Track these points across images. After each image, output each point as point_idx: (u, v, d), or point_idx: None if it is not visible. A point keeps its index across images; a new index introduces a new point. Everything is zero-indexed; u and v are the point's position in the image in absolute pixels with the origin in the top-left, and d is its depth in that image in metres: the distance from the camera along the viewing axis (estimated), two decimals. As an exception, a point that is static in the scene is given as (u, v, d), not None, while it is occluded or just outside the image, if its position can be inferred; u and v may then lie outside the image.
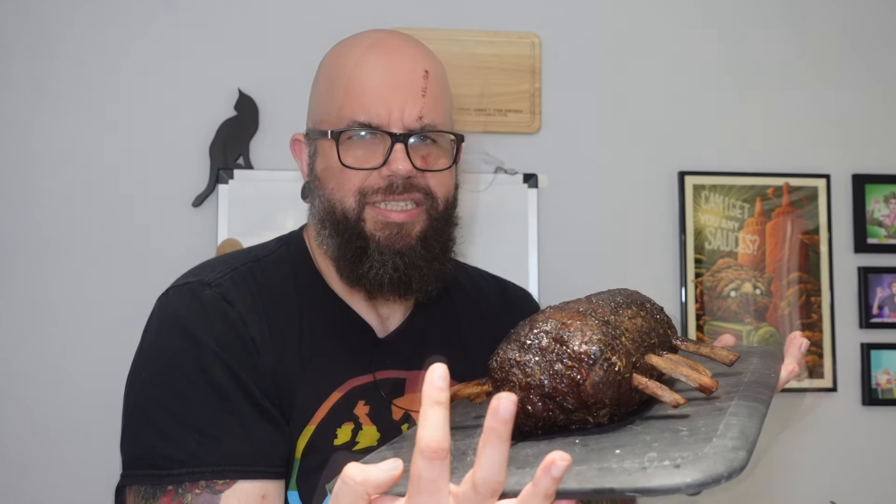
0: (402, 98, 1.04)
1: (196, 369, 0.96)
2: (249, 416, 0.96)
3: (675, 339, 0.84)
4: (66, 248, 2.02)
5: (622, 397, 0.70)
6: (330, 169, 1.06)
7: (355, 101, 1.04)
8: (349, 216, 1.04)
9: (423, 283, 1.07)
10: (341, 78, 1.06)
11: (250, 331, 1.00)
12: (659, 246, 2.19)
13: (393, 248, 1.04)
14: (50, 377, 1.98)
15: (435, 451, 0.52)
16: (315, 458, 1.02)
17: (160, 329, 1.01)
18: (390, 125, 1.03)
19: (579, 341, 0.68)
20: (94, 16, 2.07)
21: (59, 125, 2.04)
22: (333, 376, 1.06)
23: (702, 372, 0.72)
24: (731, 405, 0.68)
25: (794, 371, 0.90)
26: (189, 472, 0.92)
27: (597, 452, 0.60)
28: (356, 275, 1.05)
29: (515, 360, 0.70)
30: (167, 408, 0.95)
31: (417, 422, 0.54)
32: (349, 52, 1.08)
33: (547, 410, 0.69)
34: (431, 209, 1.07)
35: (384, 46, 1.07)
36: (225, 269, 1.05)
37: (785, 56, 2.26)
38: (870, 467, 2.18)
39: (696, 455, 0.55)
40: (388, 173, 1.03)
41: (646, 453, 0.57)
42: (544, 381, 0.68)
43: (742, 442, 0.57)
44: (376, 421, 1.06)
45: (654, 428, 0.66)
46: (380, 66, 1.05)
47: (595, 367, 0.67)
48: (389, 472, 0.55)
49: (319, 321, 1.07)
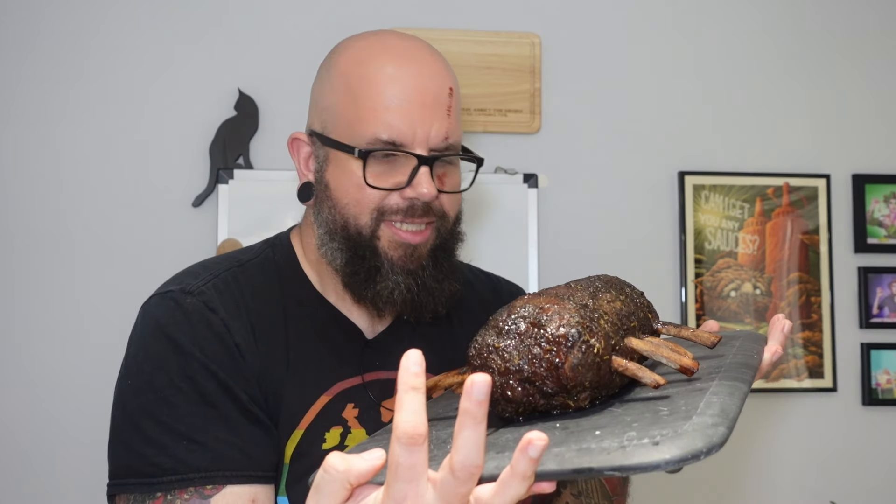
0: (428, 118, 1.01)
1: (182, 377, 0.95)
2: (237, 421, 0.95)
3: (656, 322, 0.84)
4: (66, 247, 2.02)
5: (602, 380, 0.69)
6: (348, 184, 1.03)
7: (380, 118, 1.01)
8: (363, 232, 1.02)
9: (434, 304, 1.06)
10: (363, 89, 1.02)
11: (234, 337, 0.99)
12: (659, 246, 2.19)
13: (406, 268, 1.03)
14: (50, 377, 1.99)
15: (412, 436, 0.51)
16: (304, 462, 1.01)
17: (143, 338, 1.00)
18: (415, 145, 1.01)
19: (556, 324, 0.68)
20: (95, 15, 2.07)
21: (58, 125, 2.05)
22: (321, 380, 1.05)
23: (683, 354, 0.72)
24: (712, 385, 0.68)
25: (778, 353, 0.89)
26: (178, 479, 0.92)
27: (576, 434, 0.60)
28: (367, 293, 1.04)
29: (493, 346, 0.69)
30: (154, 416, 0.94)
31: (394, 408, 0.54)
32: (371, 60, 1.04)
33: (527, 395, 0.68)
34: (441, 227, 1.06)
35: (410, 59, 1.04)
36: (207, 276, 1.03)
37: (785, 56, 2.26)
38: (870, 467, 2.18)
39: (675, 432, 0.55)
40: (412, 195, 1.01)
41: (625, 433, 0.57)
42: (523, 366, 0.68)
43: (722, 419, 0.57)
44: (365, 424, 1.06)
45: (634, 409, 0.65)
46: (406, 83, 1.01)
47: (573, 349, 0.67)
48: (372, 461, 0.54)
49: (306, 324, 1.06)
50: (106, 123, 2.06)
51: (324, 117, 1.06)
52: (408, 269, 1.03)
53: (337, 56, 1.08)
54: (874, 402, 2.18)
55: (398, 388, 0.52)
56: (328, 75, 1.07)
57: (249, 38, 2.11)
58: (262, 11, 2.13)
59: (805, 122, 2.25)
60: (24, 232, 2.01)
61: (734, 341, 0.91)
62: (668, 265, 2.19)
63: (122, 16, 2.08)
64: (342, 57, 1.07)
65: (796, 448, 2.17)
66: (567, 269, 2.14)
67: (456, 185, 1.07)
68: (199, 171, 2.07)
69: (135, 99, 2.07)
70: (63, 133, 2.05)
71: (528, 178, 2.13)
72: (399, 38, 1.08)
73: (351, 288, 1.05)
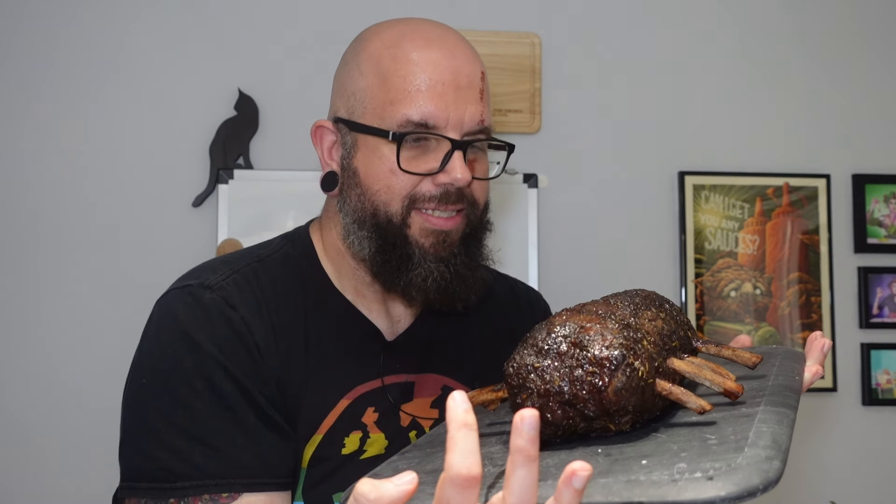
0: (463, 101, 0.98)
1: (199, 377, 0.92)
2: (254, 427, 0.92)
3: (696, 340, 0.81)
4: (66, 247, 2.02)
5: (645, 404, 0.67)
6: (379, 170, 0.99)
7: (412, 99, 0.97)
8: (394, 220, 0.99)
9: (467, 292, 1.03)
10: (395, 71, 0.99)
11: (254, 336, 0.95)
12: (659, 246, 2.19)
13: (438, 255, 1.00)
14: (50, 377, 1.98)
15: (466, 478, 0.49)
16: (322, 468, 0.99)
17: (160, 334, 0.96)
18: (448, 129, 0.98)
19: (600, 345, 0.65)
20: (95, 15, 2.07)
21: (58, 125, 2.04)
22: (341, 383, 1.02)
23: (726, 376, 0.69)
24: (758, 411, 0.65)
25: (819, 373, 0.86)
26: (192, 485, 0.89)
27: (622, 463, 0.58)
28: (400, 281, 1.00)
29: (533, 366, 0.67)
30: (169, 417, 0.91)
31: (446, 446, 0.51)
32: (403, 43, 1.01)
33: (567, 418, 0.66)
34: (471, 214, 1.03)
35: (442, 43, 1.01)
36: (227, 271, 1.00)
37: (785, 56, 2.26)
38: (870, 467, 2.18)
39: (729, 466, 0.52)
40: (446, 181, 0.98)
41: (675, 464, 0.54)
42: (564, 388, 0.65)
43: (775, 451, 0.55)
44: (384, 428, 1.04)
45: (679, 436, 0.63)
46: (439, 65, 0.99)
47: (617, 372, 0.64)
48: (404, 486, 0.51)
49: (326, 324, 1.03)
50: (106, 123, 2.05)
51: (351, 103, 1.03)
52: (440, 257, 1.00)
53: (365, 41, 1.05)
54: (874, 402, 2.18)
55: (449, 427, 0.50)
56: (356, 60, 1.04)
57: (249, 38, 2.11)
58: (263, 12, 2.12)
59: (805, 122, 2.25)
60: (24, 231, 2.01)
61: (773, 360, 0.88)
62: (668, 265, 2.19)
63: (122, 17, 2.08)
64: (371, 42, 1.04)
65: (796, 448, 2.17)
66: (567, 269, 2.14)
67: (485, 172, 1.04)
68: (199, 171, 2.07)
69: (135, 99, 2.07)
70: (63, 133, 2.04)
71: (528, 178, 2.13)
72: (429, 23, 1.06)
73: (382, 277, 1.01)
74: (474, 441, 0.50)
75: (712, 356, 0.83)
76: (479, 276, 1.05)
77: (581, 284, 2.12)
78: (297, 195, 2.02)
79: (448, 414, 0.50)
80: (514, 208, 2.12)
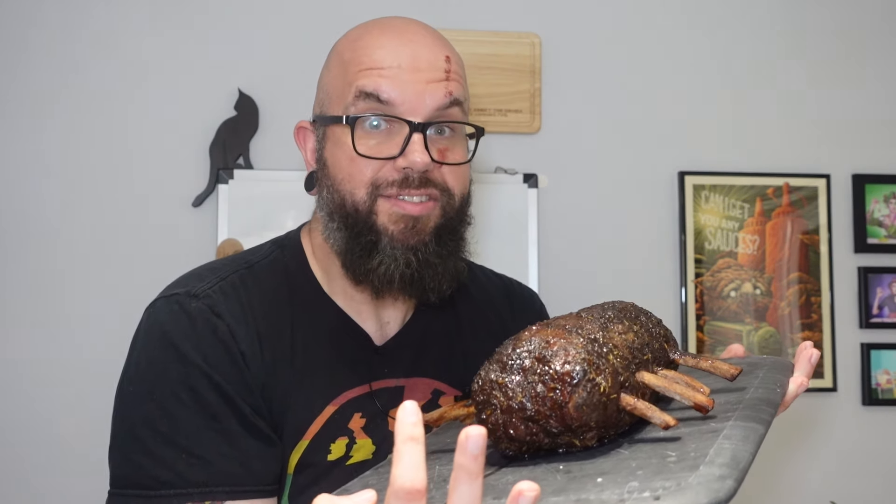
0: (421, 83, 0.97)
1: (184, 387, 0.92)
2: (239, 435, 0.93)
3: (673, 353, 0.80)
4: (66, 248, 2.02)
5: (609, 419, 0.66)
6: (340, 157, 0.98)
7: (367, 75, 0.97)
8: (360, 209, 0.97)
9: (437, 282, 1.00)
10: (353, 57, 0.99)
11: (240, 345, 0.95)
12: (659, 246, 2.19)
13: (406, 243, 0.97)
14: (50, 377, 1.98)
15: (409, 492, 0.49)
16: (308, 474, 0.99)
17: (147, 343, 0.97)
18: (406, 111, 0.96)
19: (562, 361, 0.64)
20: (95, 16, 2.07)
21: (58, 125, 2.04)
22: (327, 389, 1.01)
23: (697, 389, 0.68)
24: (726, 426, 0.65)
25: (804, 385, 0.85)
26: (177, 493, 0.90)
27: (578, 481, 0.58)
28: (364, 270, 0.98)
29: (497, 382, 0.66)
30: (154, 426, 0.92)
31: (392, 459, 0.51)
32: (365, 34, 1.01)
33: (530, 434, 0.65)
34: (447, 205, 1.00)
35: (404, 32, 1.00)
36: (214, 279, 1.00)
37: (785, 56, 2.26)
38: (870, 467, 2.18)
39: (679, 485, 0.52)
40: (404, 165, 0.96)
41: (628, 482, 0.54)
42: (526, 404, 0.65)
43: (731, 469, 0.55)
44: (371, 434, 1.03)
45: (642, 452, 0.63)
46: (397, 49, 0.98)
47: (578, 388, 0.64)
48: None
49: (313, 330, 1.03)
50: (106, 123, 2.06)
51: (321, 97, 1.04)
52: (408, 245, 0.97)
53: (336, 42, 1.06)
54: (874, 402, 2.18)
55: (396, 439, 0.51)
56: (327, 60, 1.06)
57: (249, 38, 2.11)
58: (262, 11, 2.12)
59: (805, 122, 2.25)
60: (23, 232, 2.01)
61: (758, 371, 0.86)
62: (668, 265, 2.19)
63: (122, 16, 2.08)
64: (340, 41, 1.06)
65: (796, 448, 2.17)
66: (567, 269, 2.14)
67: (459, 159, 1.01)
68: (199, 171, 2.07)
69: (135, 99, 2.07)
70: (63, 133, 2.04)
71: (528, 178, 2.13)
72: (397, 18, 1.06)
73: (348, 268, 1.00)
74: (420, 454, 0.50)
75: (690, 368, 0.82)
76: (451, 266, 1.01)
77: (581, 284, 2.12)
78: (297, 195, 2.00)
79: (396, 426, 0.51)
80: (514, 208, 2.12)
